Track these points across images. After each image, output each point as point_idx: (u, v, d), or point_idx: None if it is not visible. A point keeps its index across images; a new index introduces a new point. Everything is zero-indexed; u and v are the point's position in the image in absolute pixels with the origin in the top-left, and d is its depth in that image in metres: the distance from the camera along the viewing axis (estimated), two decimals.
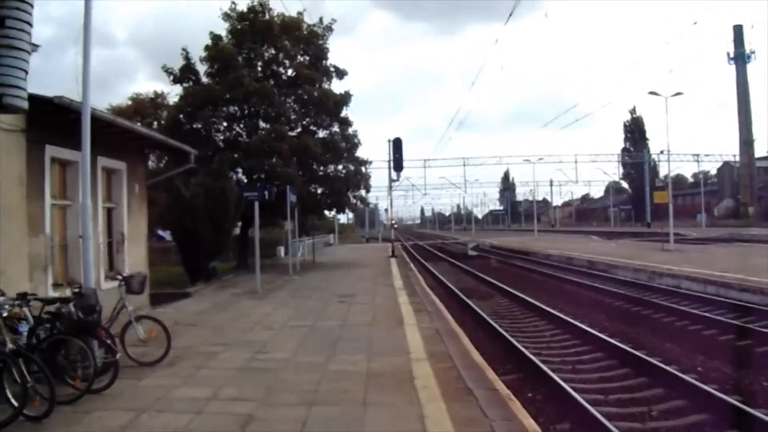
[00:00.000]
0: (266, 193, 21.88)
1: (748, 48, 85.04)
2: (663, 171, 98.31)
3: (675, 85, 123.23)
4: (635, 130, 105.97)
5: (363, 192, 36.80)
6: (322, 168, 33.57)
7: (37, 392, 7.28)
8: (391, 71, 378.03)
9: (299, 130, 33.44)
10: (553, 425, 8.28)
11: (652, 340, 13.50)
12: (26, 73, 7.63)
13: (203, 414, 7.48)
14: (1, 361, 7.41)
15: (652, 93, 37.68)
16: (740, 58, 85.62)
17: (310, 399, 7.99)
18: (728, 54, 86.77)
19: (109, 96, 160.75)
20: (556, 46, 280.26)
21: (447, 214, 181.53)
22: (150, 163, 25.32)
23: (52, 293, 11.78)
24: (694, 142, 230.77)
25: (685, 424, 8.22)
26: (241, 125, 33.26)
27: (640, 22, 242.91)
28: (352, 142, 34.08)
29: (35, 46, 8.10)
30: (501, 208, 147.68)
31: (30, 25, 7.78)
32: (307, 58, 33.96)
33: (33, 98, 8.56)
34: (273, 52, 33.64)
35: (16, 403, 7.12)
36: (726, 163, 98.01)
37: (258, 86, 31.06)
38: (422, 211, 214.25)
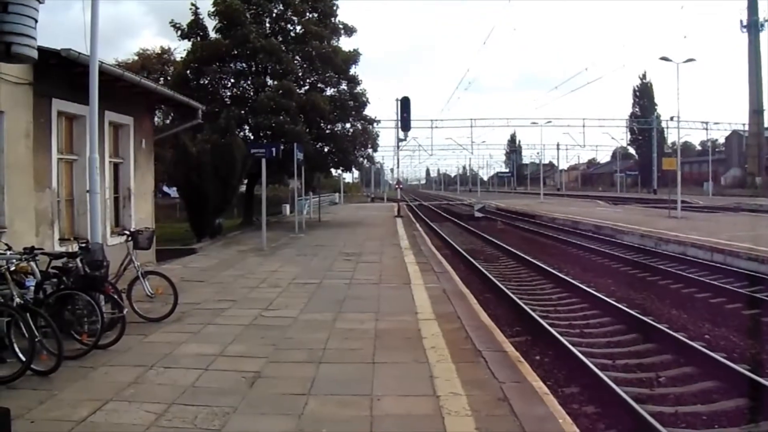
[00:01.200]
0: (273, 150, 21.77)
1: (762, 16, 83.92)
2: (671, 138, 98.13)
3: (687, 52, 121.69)
4: (644, 96, 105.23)
5: (370, 151, 36.70)
6: (329, 126, 33.38)
7: (45, 347, 7.26)
8: (401, 31, 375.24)
9: (307, 87, 33.17)
10: (562, 389, 8.25)
11: (659, 307, 13.47)
12: (36, 22, 7.49)
13: (210, 370, 7.45)
14: (9, 315, 7.38)
15: (663, 58, 37.31)
16: (753, 26, 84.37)
17: (317, 357, 7.96)
18: (741, 21, 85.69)
19: (114, 52, 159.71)
20: (569, 8, 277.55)
21: (453, 175, 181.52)
22: (156, 119, 25.09)
23: (59, 248, 11.78)
24: (703, 110, 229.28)
25: (693, 391, 8.18)
26: (249, 82, 33.03)
27: None
28: (360, 101, 33.82)
29: None
30: (507, 170, 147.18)
31: None
32: (315, 15, 33.62)
33: (40, 51, 8.43)
34: (281, 8, 33.26)
35: (23, 358, 7.10)
36: (735, 132, 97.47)
37: (265, 42, 30.80)
38: (428, 171, 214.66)
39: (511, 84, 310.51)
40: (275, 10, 33.24)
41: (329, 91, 33.78)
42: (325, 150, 33.77)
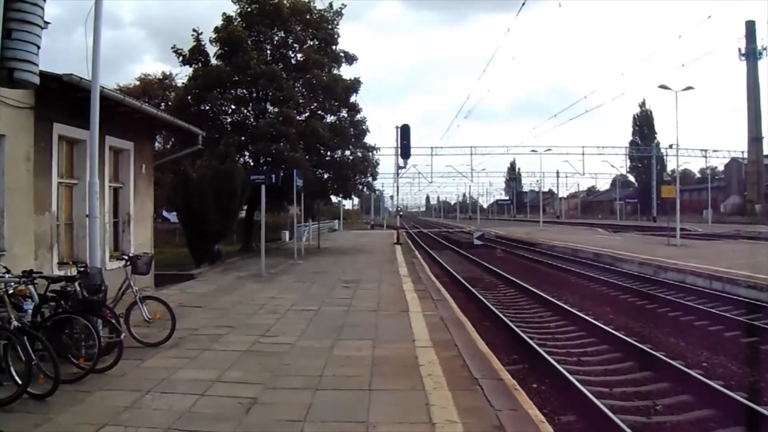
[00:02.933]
0: (273, 176, 21.85)
1: (760, 44, 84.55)
2: (670, 165, 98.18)
3: (686, 80, 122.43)
4: (644, 124, 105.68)
5: (369, 178, 36.72)
6: (329, 153, 33.52)
7: (42, 370, 7.27)
8: (400, 58, 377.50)
9: (307, 114, 33.33)
10: (558, 416, 8.24)
11: (657, 335, 13.47)
12: (38, 48, 7.55)
13: (207, 396, 7.44)
14: (6, 338, 7.39)
15: (662, 87, 37.47)
16: (752, 54, 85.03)
17: (314, 384, 7.94)
18: (740, 50, 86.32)
19: (115, 77, 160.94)
20: (568, 37, 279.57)
21: (452, 202, 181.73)
22: (156, 144, 25.21)
23: (57, 272, 11.79)
24: (702, 138, 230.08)
25: (690, 419, 8.18)
26: (249, 108, 33.15)
27: (654, 14, 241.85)
28: (360, 128, 33.94)
29: (46, 23, 8.00)
30: (506, 198, 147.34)
31: None
32: (317, 42, 33.88)
33: (42, 75, 8.47)
34: (282, 35, 33.51)
35: (20, 381, 7.09)
36: (734, 160, 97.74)
37: (266, 69, 30.94)
38: (428, 199, 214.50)
39: (510, 112, 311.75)
40: (276, 38, 33.46)
41: (329, 119, 33.95)
42: (325, 177, 33.85)
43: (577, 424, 8.04)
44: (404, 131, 38.77)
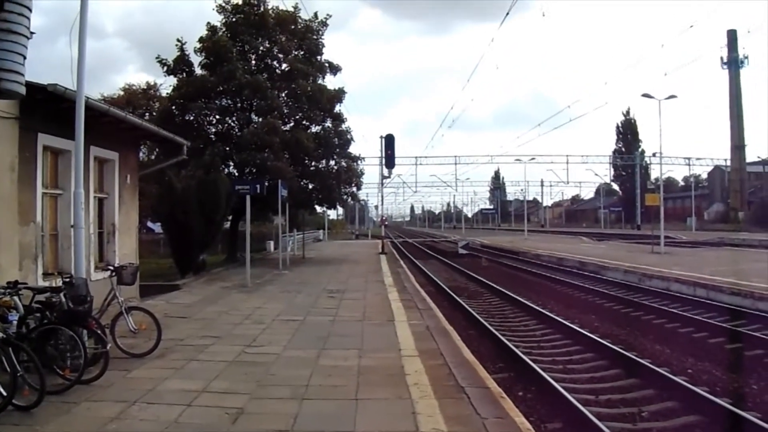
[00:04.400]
0: (258, 186, 21.82)
1: (741, 53, 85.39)
2: (654, 173, 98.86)
3: (669, 89, 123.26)
4: (628, 132, 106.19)
5: (354, 189, 36.71)
6: (314, 163, 33.50)
7: (27, 382, 7.23)
8: (384, 68, 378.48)
9: (292, 124, 33.40)
10: (545, 424, 8.27)
11: (642, 342, 13.53)
12: (24, 58, 7.56)
13: (193, 406, 7.42)
14: None
15: (645, 95, 37.71)
16: (733, 62, 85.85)
17: (300, 393, 7.94)
18: (722, 58, 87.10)
19: (98, 87, 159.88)
20: (551, 47, 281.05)
21: (437, 212, 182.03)
22: (141, 154, 25.16)
23: (43, 283, 11.72)
24: (686, 146, 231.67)
25: (676, 426, 8.24)
26: (234, 118, 33.06)
27: (637, 24, 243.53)
28: (345, 138, 33.95)
29: (31, 33, 8.00)
30: (491, 207, 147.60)
31: (29, 9, 7.72)
32: (302, 52, 33.88)
33: (27, 86, 8.48)
34: (267, 45, 33.52)
35: (5, 393, 7.04)
36: (717, 167, 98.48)
37: (251, 79, 30.91)
38: (412, 208, 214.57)
39: (496, 120, 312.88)
40: (261, 48, 33.45)
41: (314, 129, 33.96)
42: (310, 187, 33.79)
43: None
44: (389, 141, 38.80)
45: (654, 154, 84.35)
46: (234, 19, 32.74)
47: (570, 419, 8.27)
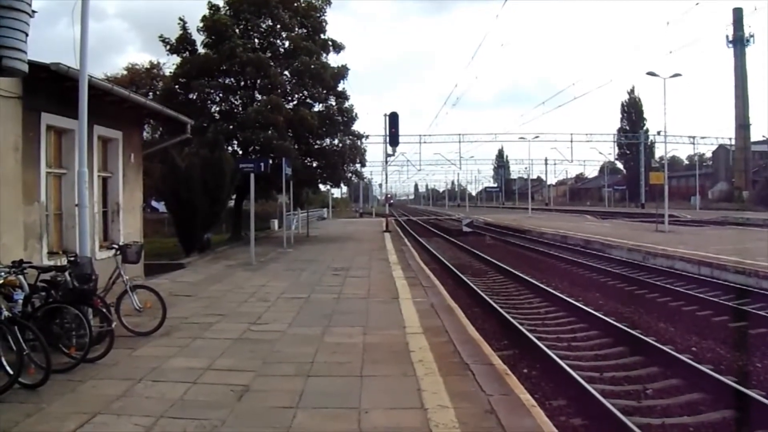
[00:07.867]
0: (262, 165, 21.76)
1: (747, 31, 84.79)
2: (658, 152, 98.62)
3: (674, 67, 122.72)
4: (633, 111, 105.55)
5: (358, 166, 36.62)
6: (317, 141, 33.41)
7: (33, 360, 7.25)
8: (387, 48, 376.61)
9: (295, 102, 33.25)
10: (549, 401, 8.28)
11: (647, 320, 13.55)
12: (26, 35, 7.52)
13: (199, 384, 7.44)
14: None
15: (650, 74, 37.39)
16: (739, 41, 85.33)
17: (306, 371, 7.96)
18: (727, 37, 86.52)
19: (99, 67, 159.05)
20: (555, 25, 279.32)
21: (441, 190, 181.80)
22: (145, 133, 25.08)
23: (47, 262, 11.75)
24: (690, 124, 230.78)
25: (680, 403, 8.23)
26: (237, 96, 32.95)
27: (642, 1, 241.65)
28: (349, 116, 33.80)
29: (33, 12, 7.95)
30: (495, 185, 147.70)
31: None
32: (305, 30, 33.69)
33: (30, 65, 8.45)
34: (270, 23, 33.33)
35: (11, 371, 7.07)
36: (721, 146, 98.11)
37: (253, 56, 30.81)
38: (416, 186, 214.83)
39: (499, 99, 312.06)
40: (264, 26, 33.31)
41: (317, 107, 33.81)
42: (314, 165, 33.75)
43: (567, 408, 8.07)
44: (393, 119, 38.76)
45: (658, 133, 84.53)
46: None
47: (574, 396, 8.29)
